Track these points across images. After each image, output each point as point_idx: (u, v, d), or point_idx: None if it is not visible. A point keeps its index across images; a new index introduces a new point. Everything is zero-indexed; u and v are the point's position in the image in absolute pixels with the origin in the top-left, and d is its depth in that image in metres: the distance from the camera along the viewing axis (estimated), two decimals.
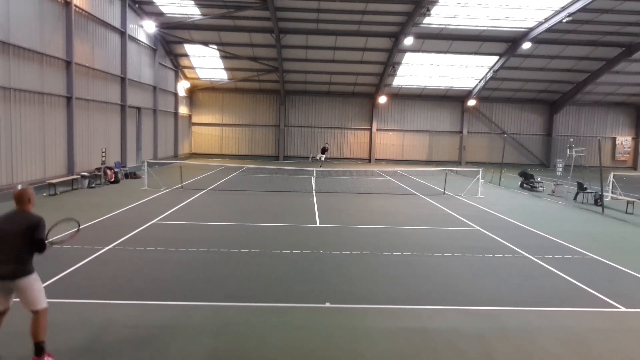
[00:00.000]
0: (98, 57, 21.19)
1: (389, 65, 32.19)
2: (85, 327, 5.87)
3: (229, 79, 35.79)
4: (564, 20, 25.37)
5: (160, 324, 6.06)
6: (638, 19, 26.62)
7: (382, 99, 36.41)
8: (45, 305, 4.96)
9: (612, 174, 20.43)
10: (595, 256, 10.07)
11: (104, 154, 21.68)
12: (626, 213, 16.02)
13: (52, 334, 5.69)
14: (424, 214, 14.81)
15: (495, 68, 32.74)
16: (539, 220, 14.09)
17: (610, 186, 19.71)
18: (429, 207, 16.19)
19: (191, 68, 34.64)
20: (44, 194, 16.29)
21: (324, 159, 31.94)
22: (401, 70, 33.99)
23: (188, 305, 6.73)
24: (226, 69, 34.54)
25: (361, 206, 15.99)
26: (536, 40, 29.17)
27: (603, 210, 16.21)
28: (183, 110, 35.45)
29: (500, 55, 31.63)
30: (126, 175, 22.34)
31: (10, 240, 4.69)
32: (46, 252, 4.89)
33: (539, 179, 22.70)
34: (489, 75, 33.82)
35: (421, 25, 28.05)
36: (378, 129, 38.13)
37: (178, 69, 33.96)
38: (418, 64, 33.26)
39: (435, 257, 9.65)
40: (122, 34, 23.81)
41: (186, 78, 35.54)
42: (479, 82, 35.37)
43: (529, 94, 37.76)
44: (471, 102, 37.00)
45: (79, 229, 5.54)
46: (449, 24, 28.05)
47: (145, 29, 26.83)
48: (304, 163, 33.94)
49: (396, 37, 29.47)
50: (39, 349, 4.86)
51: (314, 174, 21.37)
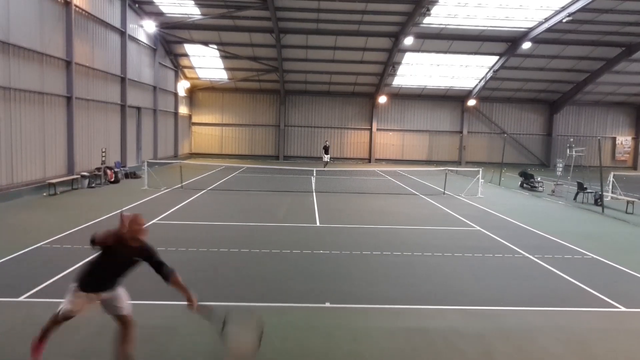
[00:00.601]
0: (98, 57, 21.19)
1: (389, 65, 32.17)
2: (85, 327, 5.86)
3: (229, 79, 35.78)
4: (564, 20, 25.35)
5: (160, 324, 6.06)
6: (638, 19, 26.61)
7: (382, 99, 36.40)
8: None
9: (612, 173, 20.42)
10: (595, 256, 10.07)
11: (104, 154, 21.67)
12: (626, 213, 16.01)
13: (52, 334, 5.70)
14: (424, 214, 14.81)
15: (495, 68, 32.73)
16: (539, 220, 14.09)
17: (610, 186, 19.70)
18: (429, 207, 16.19)
19: (191, 68, 34.63)
20: (44, 194, 16.30)
21: (329, 158, 31.16)
22: (401, 70, 33.98)
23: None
24: (226, 69, 34.53)
25: (361, 206, 15.99)
26: (536, 40, 29.16)
27: (603, 210, 16.21)
28: (183, 110, 35.44)
29: (500, 55, 31.63)
30: (126, 175, 22.34)
31: None
32: None
33: (539, 179, 22.68)
34: (489, 75, 33.81)
35: (421, 25, 28.04)
36: (378, 129, 38.11)
37: (178, 69, 33.95)
38: (418, 64, 33.23)
39: (435, 257, 9.65)
40: (122, 33, 23.80)
41: (186, 78, 35.53)
42: (479, 82, 35.36)
43: (529, 94, 37.74)
44: (471, 102, 36.98)
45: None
46: (449, 23, 28.04)
47: (145, 28, 26.83)
48: (304, 163, 33.93)
49: (396, 37, 29.46)
50: None
51: (314, 174, 21.35)
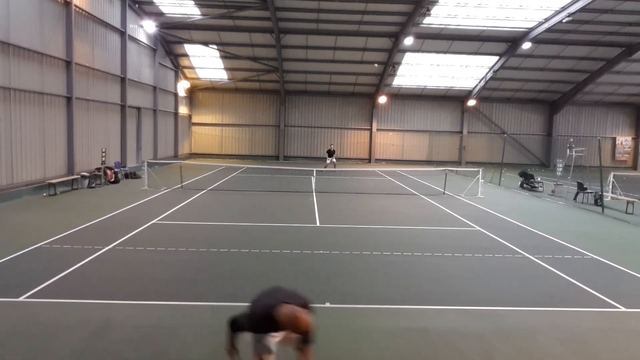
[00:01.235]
0: (98, 57, 21.19)
1: (389, 65, 32.16)
2: (85, 327, 5.87)
3: (229, 79, 35.77)
4: (564, 20, 25.35)
5: (160, 324, 6.06)
6: (638, 19, 26.61)
7: (382, 99, 36.40)
8: None
9: (612, 174, 20.41)
10: (595, 256, 10.07)
11: (104, 154, 21.67)
12: (626, 213, 16.01)
13: (52, 334, 5.71)
14: (424, 214, 14.81)
15: (495, 68, 32.72)
16: (539, 220, 14.09)
17: (610, 186, 19.70)
18: (429, 207, 16.19)
19: (191, 68, 34.62)
20: (44, 194, 16.30)
21: (334, 160, 30.36)
22: (401, 70, 33.97)
23: (188, 305, 6.73)
24: (226, 69, 34.53)
25: (361, 206, 15.99)
26: (536, 40, 29.16)
27: (603, 210, 16.21)
28: (183, 110, 35.44)
29: (500, 55, 31.63)
30: (126, 175, 22.35)
31: None
32: None
33: (539, 179, 22.67)
34: (489, 75, 33.80)
35: (421, 25, 28.05)
36: (378, 129, 38.11)
37: (178, 69, 33.95)
38: (418, 64, 33.23)
39: (435, 257, 9.65)
40: (122, 34, 23.80)
41: (186, 78, 35.53)
42: (479, 82, 35.36)
43: (528, 94, 37.74)
44: (471, 102, 36.97)
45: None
46: (449, 24, 28.04)
47: (145, 29, 26.82)
48: (304, 163, 33.94)
49: (396, 37, 29.47)
50: None
51: (314, 174, 21.36)
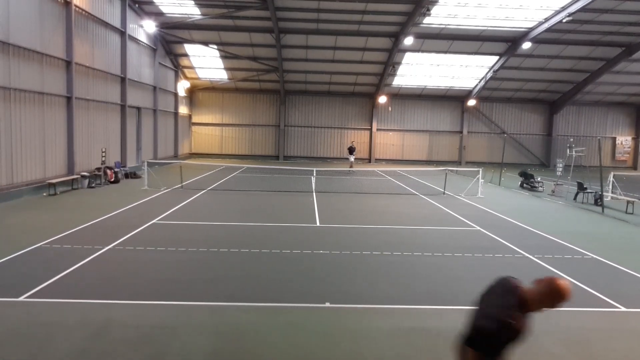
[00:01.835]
0: (98, 57, 21.19)
1: (389, 65, 32.17)
2: (85, 327, 5.87)
3: (229, 79, 35.77)
4: (564, 20, 25.35)
5: (160, 324, 6.06)
6: (638, 19, 26.61)
7: (382, 99, 36.40)
8: None
9: (612, 173, 20.40)
10: (595, 256, 10.07)
11: (104, 154, 21.67)
12: (626, 213, 16.01)
13: (52, 334, 5.71)
14: (424, 214, 14.80)
15: (495, 68, 32.72)
16: (539, 220, 14.09)
17: (610, 186, 19.69)
18: (429, 207, 16.19)
19: (191, 68, 34.62)
20: (44, 194, 16.30)
21: (353, 159, 29.83)
22: (401, 70, 33.96)
23: (188, 305, 6.73)
24: (226, 69, 34.52)
25: (361, 206, 15.99)
26: (536, 40, 29.15)
27: (603, 210, 16.20)
28: (183, 110, 35.43)
29: (500, 55, 31.62)
30: (126, 175, 22.34)
31: None
32: None
33: (539, 179, 22.66)
34: (489, 75, 33.80)
35: (421, 25, 28.04)
36: (378, 129, 38.11)
37: (178, 69, 33.94)
38: (418, 64, 33.22)
39: (435, 257, 9.65)
40: (122, 33, 23.79)
41: (186, 78, 35.53)
42: (479, 82, 35.35)
43: (529, 94, 37.74)
44: (471, 102, 36.96)
45: None
46: (449, 24, 28.04)
47: (145, 28, 26.82)
48: (304, 163, 33.94)
49: (396, 37, 29.46)
50: None
51: (314, 174, 21.35)
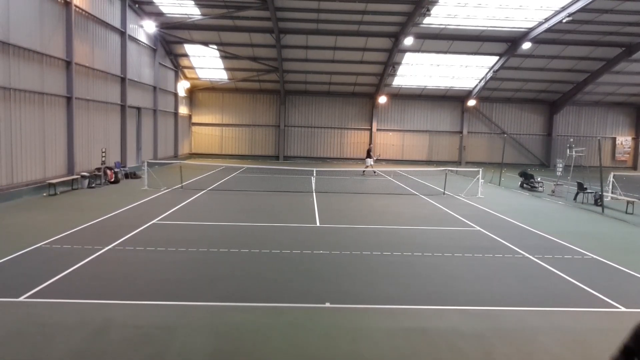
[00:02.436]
0: (98, 57, 21.19)
1: (389, 65, 32.17)
2: (85, 327, 5.87)
3: (229, 79, 35.77)
4: (564, 20, 25.35)
5: (160, 324, 6.06)
6: (638, 19, 26.61)
7: (382, 99, 36.40)
8: None
9: (612, 174, 20.40)
10: (595, 256, 10.07)
11: (104, 154, 21.67)
12: (626, 213, 16.01)
13: (52, 334, 5.71)
14: (424, 214, 14.81)
15: (495, 68, 32.71)
16: (539, 220, 14.09)
17: (610, 186, 19.69)
18: (429, 207, 16.19)
19: (191, 68, 34.62)
20: (44, 194, 16.31)
21: (372, 162, 28.57)
22: (401, 70, 33.96)
23: (188, 305, 6.73)
24: (226, 69, 34.52)
25: (361, 206, 15.99)
26: (536, 40, 29.15)
27: (603, 210, 16.20)
28: (183, 110, 35.44)
29: (500, 55, 31.62)
30: (126, 175, 22.34)
31: None
32: None
33: (539, 179, 22.67)
34: (489, 75, 33.80)
35: (421, 25, 28.04)
36: (378, 129, 38.12)
37: (178, 69, 33.94)
38: (418, 64, 33.22)
39: (435, 257, 9.65)
40: (122, 34, 23.80)
41: (186, 78, 35.53)
42: (479, 82, 35.35)
43: (529, 94, 37.74)
44: (471, 102, 36.96)
45: None
46: (449, 24, 28.04)
47: (145, 29, 26.82)
48: (304, 163, 33.94)
49: (396, 37, 29.46)
50: None
51: (314, 174, 21.36)
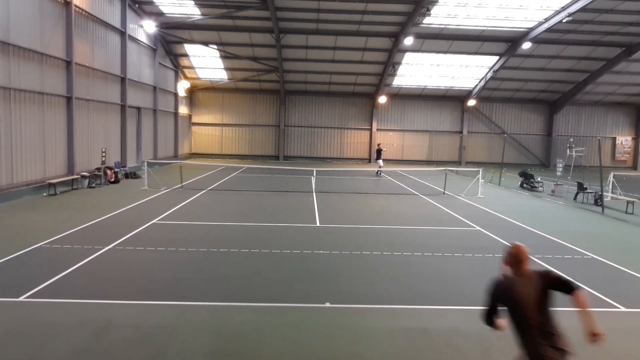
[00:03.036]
0: (98, 57, 21.18)
1: (389, 65, 32.17)
2: (85, 327, 5.87)
3: (229, 79, 35.76)
4: (564, 20, 25.35)
5: (160, 324, 6.06)
6: (638, 19, 26.60)
7: (382, 99, 36.40)
8: None
9: (612, 174, 20.41)
10: (595, 256, 10.07)
11: (104, 154, 21.67)
12: (626, 213, 16.01)
13: (52, 334, 5.71)
14: (424, 214, 14.81)
15: (495, 68, 32.71)
16: (539, 220, 14.09)
17: (610, 186, 19.70)
18: (429, 207, 16.19)
19: (191, 68, 34.62)
20: (44, 194, 16.31)
21: (382, 163, 28.52)
22: (401, 70, 33.96)
23: (188, 305, 6.73)
24: (226, 69, 34.52)
25: (361, 206, 15.99)
26: (536, 40, 29.15)
27: (603, 210, 16.20)
28: (183, 110, 35.44)
29: (500, 55, 31.62)
30: (126, 175, 22.35)
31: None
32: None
33: (539, 179, 22.67)
34: (489, 75, 33.79)
35: (421, 25, 28.04)
36: (378, 129, 38.11)
37: (178, 69, 33.94)
38: (418, 64, 33.22)
39: (435, 257, 9.65)
40: (122, 34, 23.79)
41: (186, 78, 35.53)
42: (479, 82, 35.35)
43: (529, 94, 37.73)
44: (471, 102, 36.95)
45: None
46: (449, 24, 28.03)
47: (145, 29, 26.81)
48: (304, 163, 33.94)
49: (396, 37, 29.46)
50: None
51: (314, 174, 21.36)
